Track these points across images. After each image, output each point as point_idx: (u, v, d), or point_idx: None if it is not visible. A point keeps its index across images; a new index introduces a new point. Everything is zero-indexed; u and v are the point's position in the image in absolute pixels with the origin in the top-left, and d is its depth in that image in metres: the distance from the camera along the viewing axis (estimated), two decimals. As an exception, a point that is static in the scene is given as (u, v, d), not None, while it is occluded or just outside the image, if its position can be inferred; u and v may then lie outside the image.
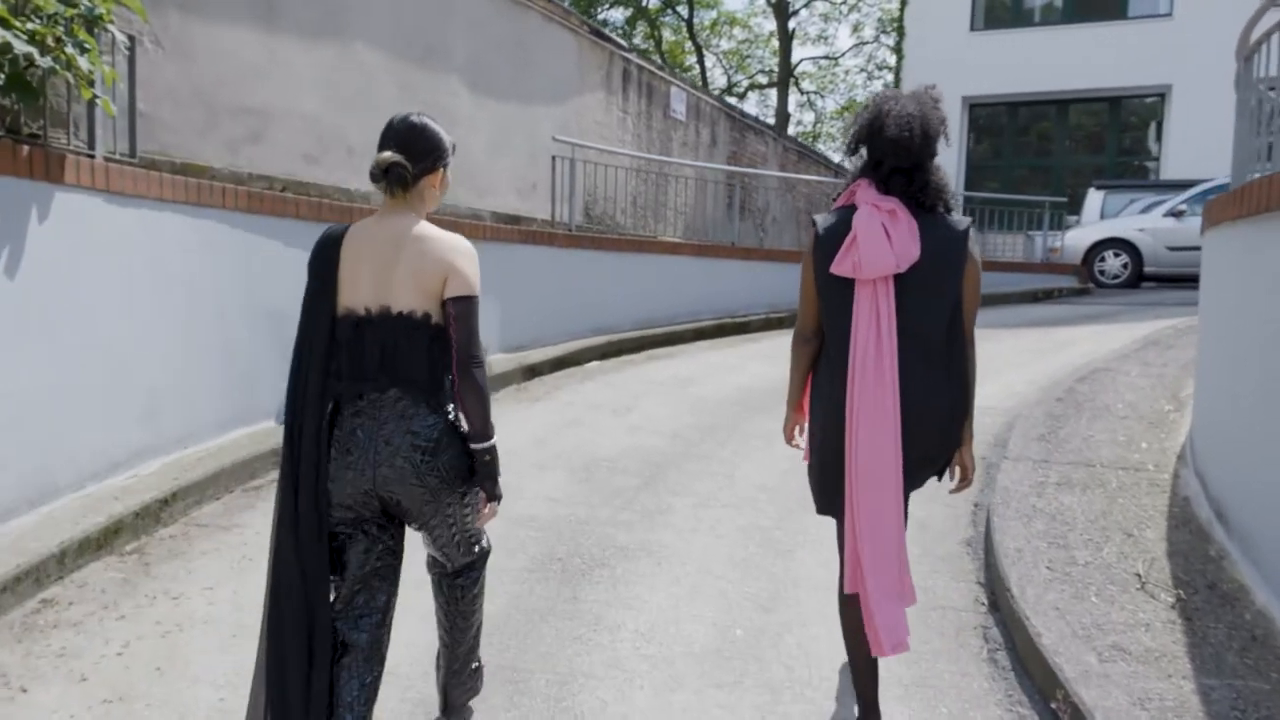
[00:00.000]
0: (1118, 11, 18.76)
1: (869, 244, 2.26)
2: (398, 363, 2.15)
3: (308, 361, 2.19)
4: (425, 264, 2.17)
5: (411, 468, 2.14)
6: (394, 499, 2.18)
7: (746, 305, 9.48)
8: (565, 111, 9.23)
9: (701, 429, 5.56)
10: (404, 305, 2.16)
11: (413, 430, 2.16)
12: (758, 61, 37.82)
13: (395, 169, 2.18)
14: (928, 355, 2.32)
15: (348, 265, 2.19)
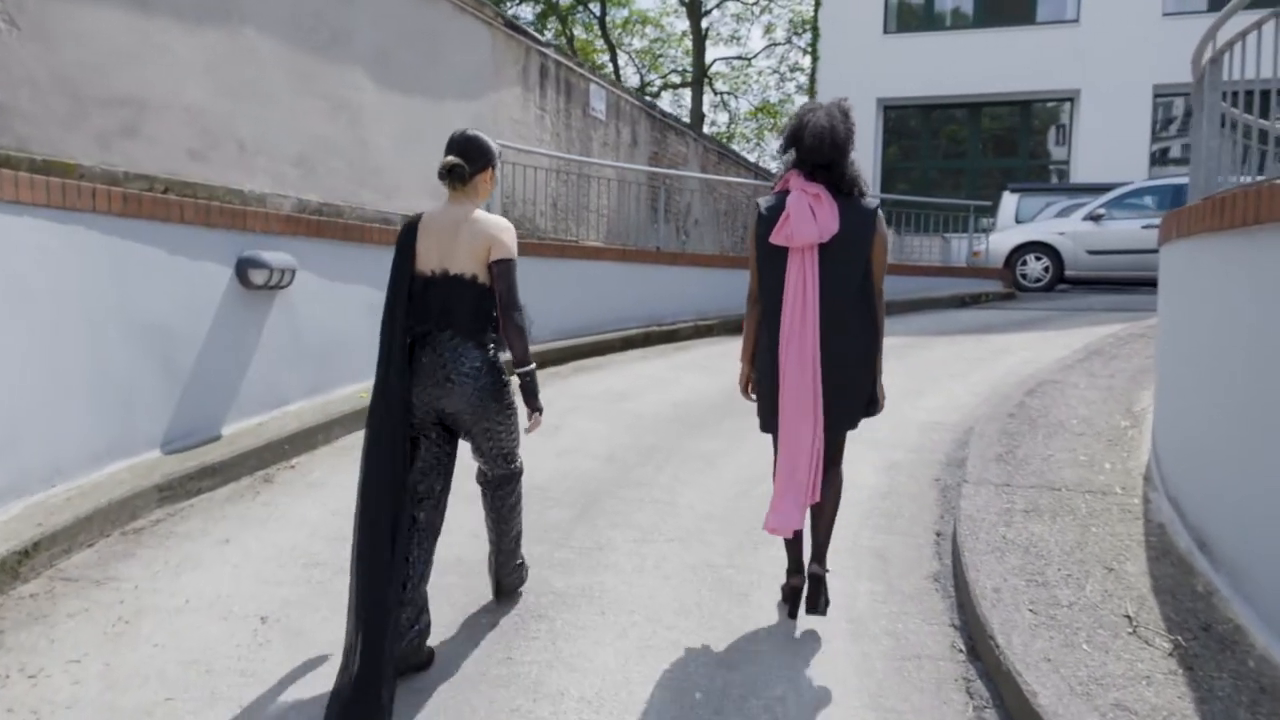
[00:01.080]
0: (1027, 17, 19.13)
1: (799, 220, 2.92)
2: (452, 312, 2.94)
3: (393, 310, 2.92)
4: (476, 237, 2.92)
5: (459, 389, 2.95)
6: (447, 412, 3.00)
7: (674, 312, 9.13)
8: (480, 108, 8.71)
9: (638, 450, 5.16)
10: (459, 269, 2.93)
11: (461, 361, 2.95)
12: (671, 61, 37.69)
13: (456, 169, 2.97)
14: (843, 308, 2.99)
15: (422, 240, 2.96)
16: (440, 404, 2.97)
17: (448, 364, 2.93)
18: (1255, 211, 2.90)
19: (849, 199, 3.00)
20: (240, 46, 6.32)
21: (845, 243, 2.97)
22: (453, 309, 2.92)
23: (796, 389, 2.97)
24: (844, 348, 2.99)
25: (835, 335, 2.97)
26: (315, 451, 5.14)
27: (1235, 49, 3.63)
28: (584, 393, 6.52)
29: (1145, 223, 11.82)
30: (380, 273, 6.42)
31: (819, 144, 2.95)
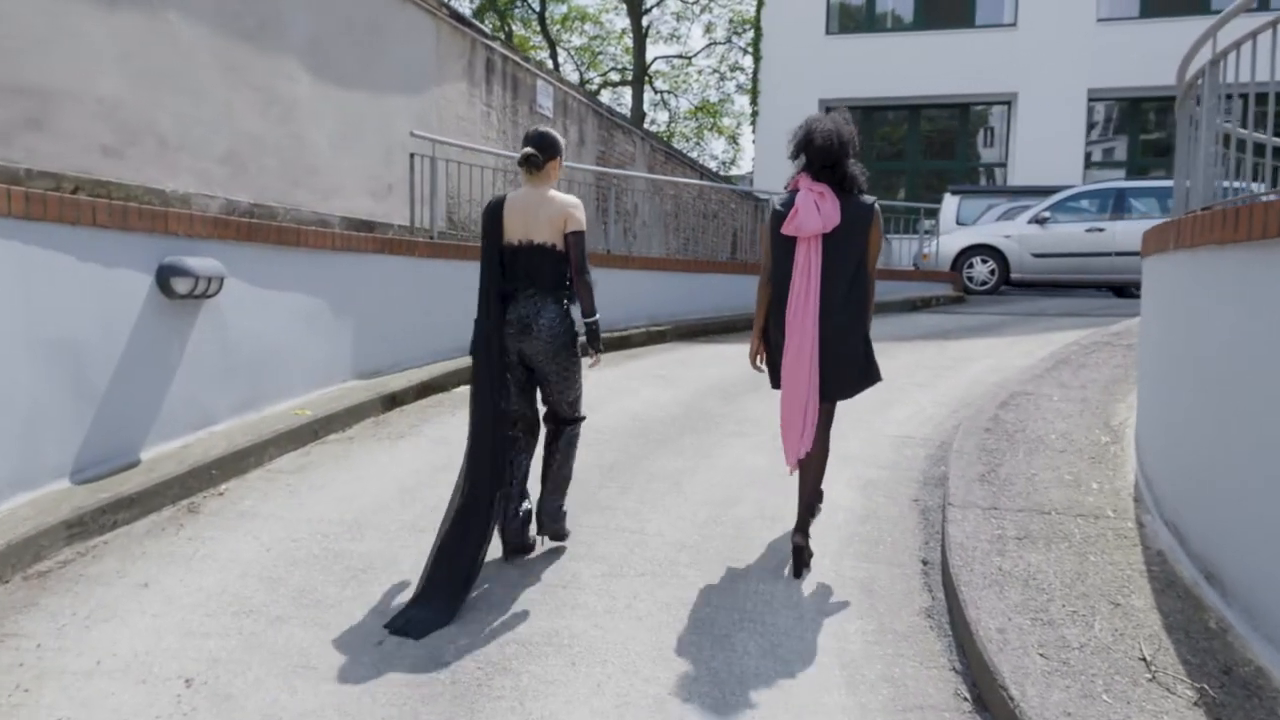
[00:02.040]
0: (965, 20, 19.29)
1: (805, 213, 3.44)
2: (534, 274, 3.60)
3: (487, 274, 3.63)
4: (554, 213, 3.58)
5: (538, 337, 3.61)
6: (527, 354, 3.66)
7: (626, 317, 8.83)
8: (423, 104, 8.29)
9: (600, 469, 4.85)
10: (541, 239, 3.59)
11: (541, 314, 3.60)
12: (610, 59, 37.37)
13: (531, 158, 3.60)
14: (841, 289, 3.50)
15: (508, 216, 3.62)
16: (523, 347, 3.67)
17: (530, 316, 3.63)
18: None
19: (850, 196, 3.54)
20: (161, 32, 5.83)
21: (845, 233, 3.50)
22: (535, 271, 3.63)
23: (797, 355, 3.53)
24: (840, 322, 3.53)
25: (833, 312, 3.51)
26: (246, 476, 4.71)
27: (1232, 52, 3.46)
28: (536, 406, 6.17)
29: (1088, 226, 11.92)
30: (318, 280, 6.02)
31: (827, 147, 3.50)
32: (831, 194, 3.49)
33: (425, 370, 6.63)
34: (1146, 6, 17.97)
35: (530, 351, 3.67)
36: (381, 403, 5.95)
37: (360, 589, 3.50)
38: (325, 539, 3.95)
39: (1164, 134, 18.63)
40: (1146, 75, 17.44)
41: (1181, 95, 4.58)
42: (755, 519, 4.21)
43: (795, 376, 3.54)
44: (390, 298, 6.57)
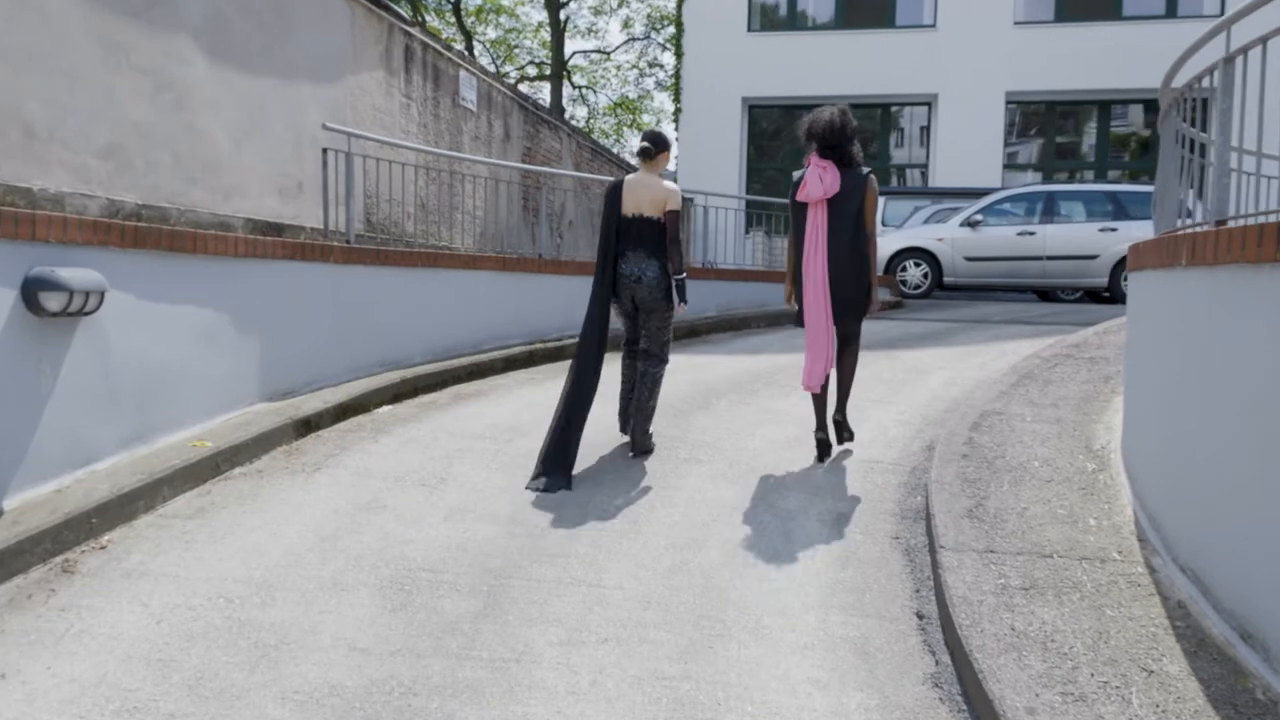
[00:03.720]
0: (886, 20, 19.31)
1: (811, 183, 4.60)
2: (642, 239, 4.91)
3: (607, 238, 4.96)
4: (658, 194, 4.89)
5: (645, 286, 4.90)
6: (636, 299, 4.97)
7: (559, 326, 8.31)
8: (337, 94, 7.61)
9: (544, 507, 4.34)
10: (649, 214, 4.90)
11: (647, 270, 4.89)
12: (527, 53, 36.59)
13: (647, 150, 4.94)
14: (843, 242, 4.62)
15: (626, 195, 4.93)
16: (634, 294, 4.92)
17: (640, 271, 4.87)
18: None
19: (849, 169, 4.68)
20: (24, 3, 5.06)
21: (845, 198, 4.63)
22: (643, 237, 4.89)
23: (813, 295, 4.66)
24: (841, 269, 4.66)
25: (836, 261, 4.64)
26: (134, 524, 4.06)
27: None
28: (468, 429, 5.62)
29: (1019, 230, 11.90)
30: (219, 291, 5.34)
31: (826, 132, 4.67)
32: (834, 167, 4.65)
33: (344, 389, 6.00)
34: (1061, 11, 18.25)
35: (640, 297, 4.97)
36: (294, 428, 5.31)
37: (273, 672, 2.93)
38: (229, 604, 3.36)
39: (1079, 137, 19.00)
40: (1062, 79, 17.73)
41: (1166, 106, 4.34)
42: (724, 565, 3.77)
43: (813, 308, 4.69)
44: (303, 309, 5.92)
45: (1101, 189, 11.89)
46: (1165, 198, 4.37)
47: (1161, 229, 4.75)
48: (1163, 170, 4.51)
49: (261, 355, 5.56)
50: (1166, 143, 4.47)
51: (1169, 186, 4.37)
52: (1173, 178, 4.34)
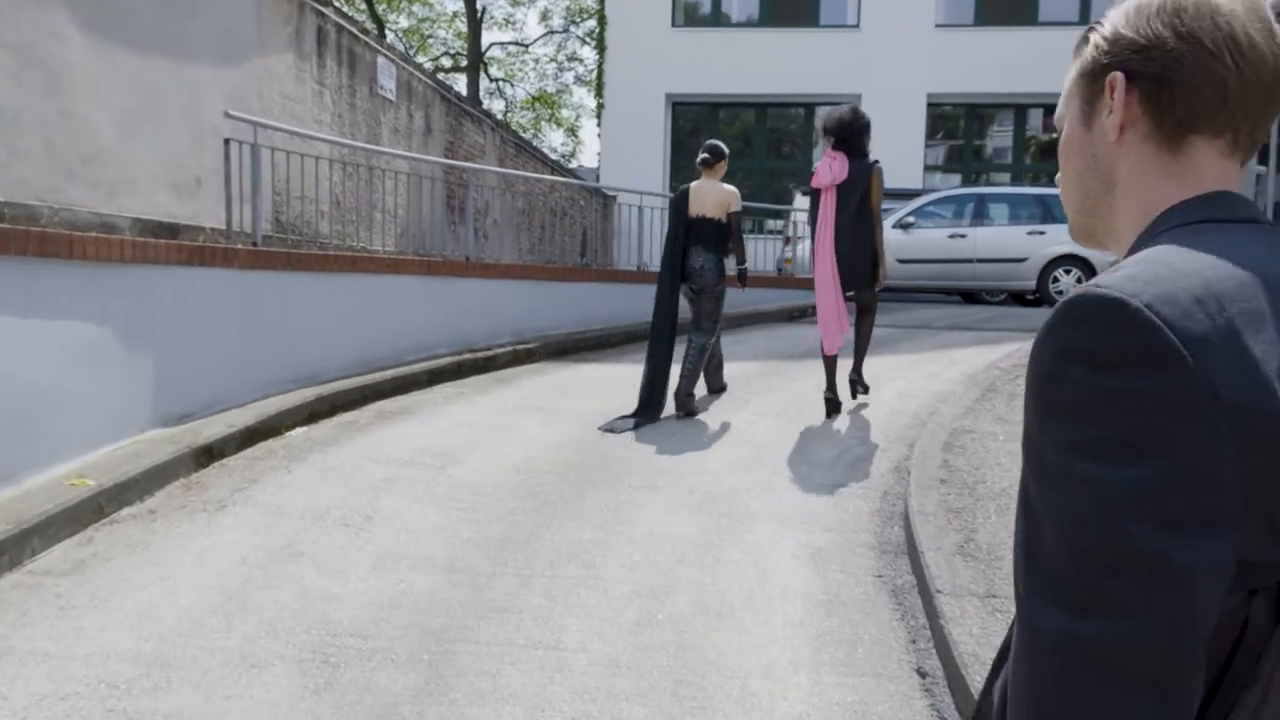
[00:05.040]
0: (810, 19, 19.22)
1: (822, 171, 5.44)
2: (703, 236, 5.87)
3: (674, 236, 5.94)
4: (720, 198, 5.85)
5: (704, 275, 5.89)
6: (695, 286, 5.96)
7: (488, 333, 7.76)
8: (241, 78, 6.90)
9: (487, 550, 3.84)
10: (711, 215, 5.86)
11: (707, 261, 5.88)
12: (441, 43, 35.55)
13: (706, 160, 5.92)
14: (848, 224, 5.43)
15: (692, 199, 5.88)
16: (695, 281, 5.91)
17: (701, 264, 5.87)
18: None
19: (858, 160, 5.43)
20: None
21: (852, 185, 5.38)
22: (704, 235, 5.87)
23: (822, 266, 5.47)
24: (849, 245, 5.43)
25: (843, 238, 5.39)
26: (-5, 584, 3.40)
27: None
28: (394, 454, 5.06)
29: (951, 232, 11.83)
30: (102, 301, 4.64)
31: (838, 127, 5.46)
32: (843, 158, 5.41)
33: (252, 409, 5.36)
34: (980, 15, 18.44)
35: (698, 285, 5.94)
36: (194, 458, 4.67)
37: (166, 786, 2.37)
38: (112, 692, 2.77)
39: (996, 141, 19.25)
40: (981, 82, 17.91)
41: None
42: (696, 615, 3.34)
43: (823, 278, 5.48)
44: (203, 320, 5.26)
45: (1029, 192, 11.91)
46: None
47: None
48: None
49: (155, 374, 4.89)
50: None
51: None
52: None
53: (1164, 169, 0.81)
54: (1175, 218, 0.80)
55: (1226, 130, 0.79)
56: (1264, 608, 0.68)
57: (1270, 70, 0.77)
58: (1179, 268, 0.70)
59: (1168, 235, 0.78)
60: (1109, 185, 0.85)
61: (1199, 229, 0.77)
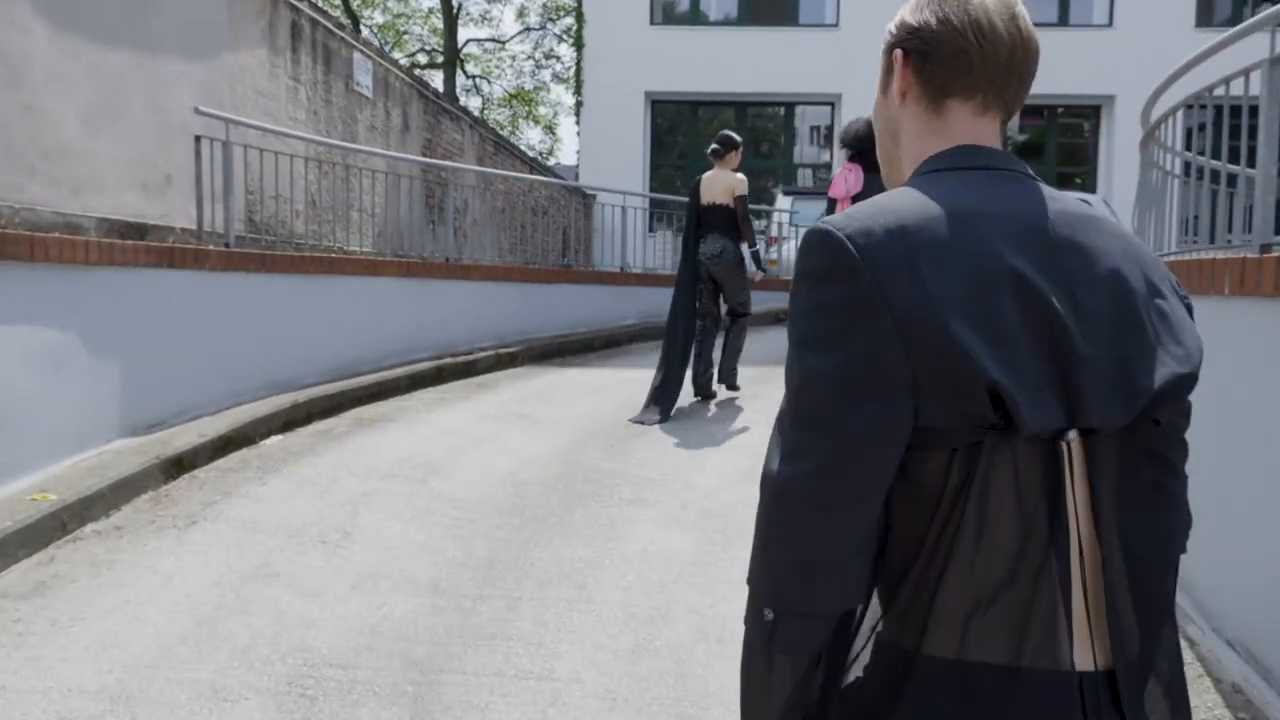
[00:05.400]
0: (790, 19, 19.13)
1: (836, 182, 5.38)
2: (716, 223, 6.14)
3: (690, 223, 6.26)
4: (727, 185, 6.12)
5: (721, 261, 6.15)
6: (716, 274, 6.25)
7: (470, 337, 7.56)
8: (212, 73, 6.66)
9: (473, 569, 3.66)
10: (720, 200, 6.10)
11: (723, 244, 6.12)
12: (417, 39, 35.14)
13: (716, 150, 6.26)
14: None
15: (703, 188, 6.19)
16: (713, 269, 6.19)
17: (716, 250, 6.10)
18: None
19: (874, 174, 5.08)
20: None
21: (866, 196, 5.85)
22: (717, 222, 6.12)
23: None
24: None
25: None
26: (-53, 612, 3.19)
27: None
28: (374, 464, 4.87)
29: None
30: (66, 306, 4.41)
31: (855, 139, 5.32)
32: (858, 170, 5.29)
33: (225, 417, 5.14)
34: (960, 15, 18.40)
35: (716, 271, 6.17)
36: (163, 469, 4.46)
37: (131, 840, 2.19)
38: (72, 732, 2.58)
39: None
40: (962, 82, 17.87)
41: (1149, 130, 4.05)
42: (697, 642, 3.19)
43: None
44: (173, 325, 5.04)
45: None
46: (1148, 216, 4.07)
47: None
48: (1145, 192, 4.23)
49: (122, 381, 4.67)
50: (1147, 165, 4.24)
51: (1155, 208, 4.07)
52: (1159, 199, 4.04)
53: (929, 125, 1.02)
54: (927, 166, 1.00)
55: (975, 93, 1.00)
56: (962, 463, 0.88)
57: (1006, 47, 0.98)
58: (885, 206, 0.91)
59: (913, 180, 0.98)
60: (896, 141, 1.07)
61: (937, 176, 0.97)
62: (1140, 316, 0.93)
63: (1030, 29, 1.01)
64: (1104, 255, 0.94)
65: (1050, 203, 0.96)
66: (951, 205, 0.91)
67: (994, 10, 1.00)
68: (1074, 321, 0.88)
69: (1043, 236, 0.92)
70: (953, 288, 0.86)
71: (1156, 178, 4.21)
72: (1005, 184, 0.96)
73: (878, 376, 0.86)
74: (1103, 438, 0.90)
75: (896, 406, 0.86)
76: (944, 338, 0.84)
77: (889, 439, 0.87)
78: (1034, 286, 0.87)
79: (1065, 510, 0.90)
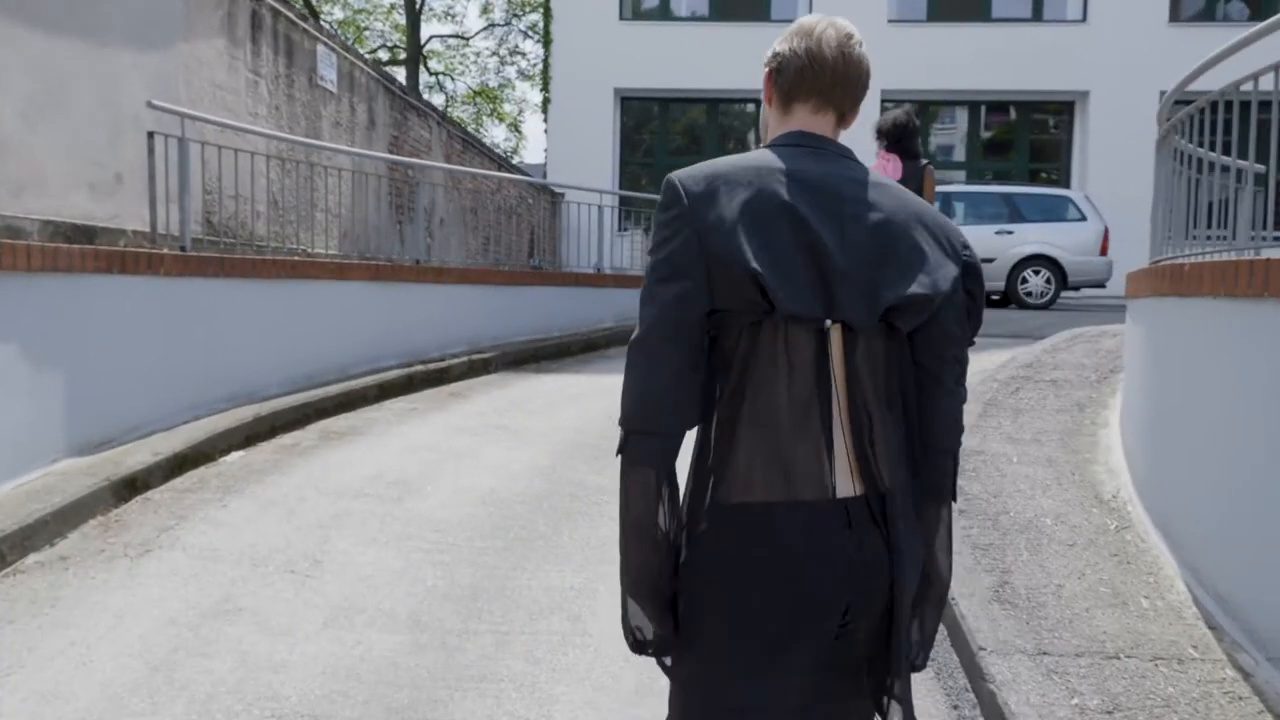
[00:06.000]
0: (760, 14, 18.96)
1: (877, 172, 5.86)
2: None
3: None
4: None
5: None
6: None
7: (441, 343, 7.24)
8: (166, 64, 6.27)
9: (455, 601, 3.37)
10: None
11: None
12: (379, 35, 34.53)
13: None
14: None
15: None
16: None
17: None
18: None
19: (910, 161, 5.66)
20: None
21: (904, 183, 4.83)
22: None
23: None
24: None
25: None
26: None
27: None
28: (344, 484, 4.55)
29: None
30: (6, 315, 4.08)
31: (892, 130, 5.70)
32: (896, 159, 5.58)
33: (182, 433, 4.79)
34: (934, 11, 18.38)
35: None
36: (114, 491, 4.11)
37: None
38: (5, 808, 2.25)
39: (951, 138, 19.22)
40: (935, 79, 17.81)
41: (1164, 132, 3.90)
42: (706, 678, 2.91)
43: None
44: (124, 335, 4.68)
45: (997, 190, 11.75)
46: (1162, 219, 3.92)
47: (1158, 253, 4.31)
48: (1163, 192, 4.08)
49: (68, 396, 4.30)
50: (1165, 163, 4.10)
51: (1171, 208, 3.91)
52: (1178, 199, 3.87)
53: (780, 120, 1.43)
54: (769, 143, 1.42)
55: (811, 98, 1.39)
56: (747, 337, 1.30)
57: (829, 67, 1.37)
58: (715, 162, 1.36)
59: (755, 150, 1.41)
60: (767, 131, 1.46)
61: (770, 148, 1.39)
62: (896, 253, 1.31)
63: (858, 54, 1.39)
64: (880, 209, 1.34)
65: (847, 171, 1.36)
66: (759, 163, 1.33)
67: (827, 41, 1.37)
68: (837, 247, 1.27)
69: (826, 187, 1.31)
70: (740, 213, 1.27)
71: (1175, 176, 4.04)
72: (815, 156, 1.36)
73: (683, 266, 1.28)
74: (865, 333, 1.30)
75: (695, 286, 1.27)
76: (726, 242, 1.26)
77: (690, 306, 1.28)
78: (804, 218, 1.27)
79: (828, 378, 1.29)
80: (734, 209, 1.26)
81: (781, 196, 1.27)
